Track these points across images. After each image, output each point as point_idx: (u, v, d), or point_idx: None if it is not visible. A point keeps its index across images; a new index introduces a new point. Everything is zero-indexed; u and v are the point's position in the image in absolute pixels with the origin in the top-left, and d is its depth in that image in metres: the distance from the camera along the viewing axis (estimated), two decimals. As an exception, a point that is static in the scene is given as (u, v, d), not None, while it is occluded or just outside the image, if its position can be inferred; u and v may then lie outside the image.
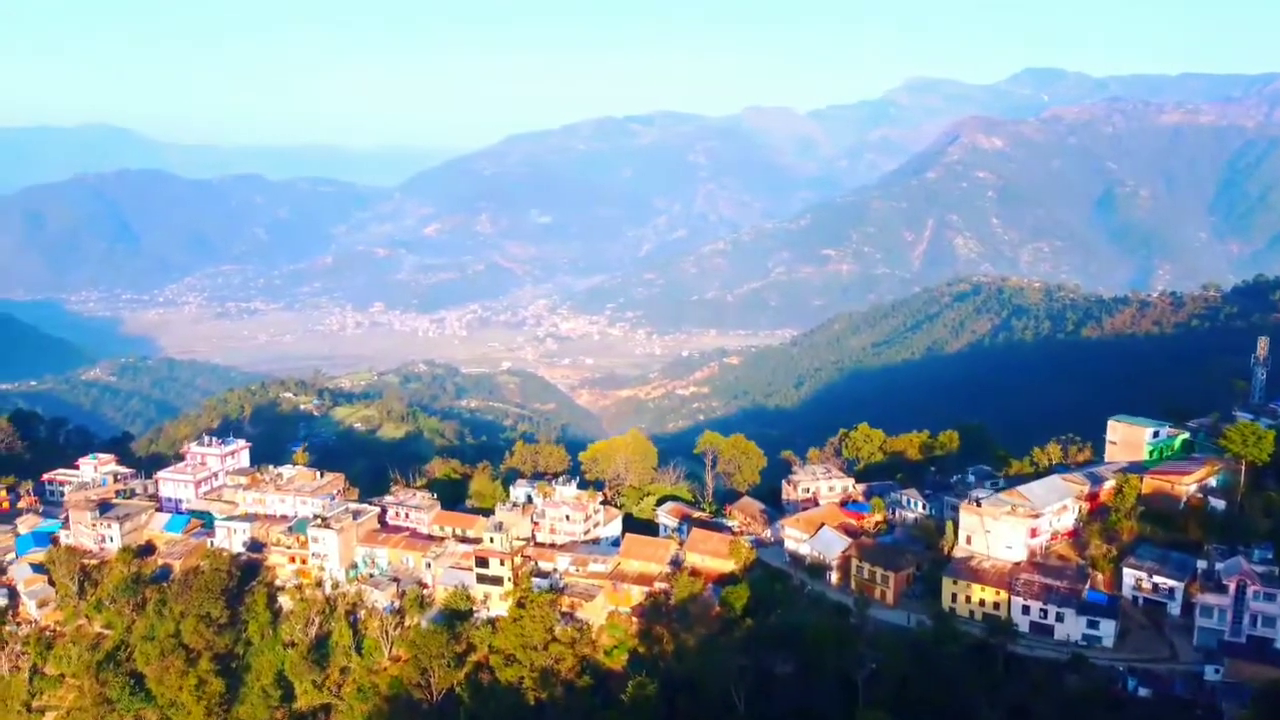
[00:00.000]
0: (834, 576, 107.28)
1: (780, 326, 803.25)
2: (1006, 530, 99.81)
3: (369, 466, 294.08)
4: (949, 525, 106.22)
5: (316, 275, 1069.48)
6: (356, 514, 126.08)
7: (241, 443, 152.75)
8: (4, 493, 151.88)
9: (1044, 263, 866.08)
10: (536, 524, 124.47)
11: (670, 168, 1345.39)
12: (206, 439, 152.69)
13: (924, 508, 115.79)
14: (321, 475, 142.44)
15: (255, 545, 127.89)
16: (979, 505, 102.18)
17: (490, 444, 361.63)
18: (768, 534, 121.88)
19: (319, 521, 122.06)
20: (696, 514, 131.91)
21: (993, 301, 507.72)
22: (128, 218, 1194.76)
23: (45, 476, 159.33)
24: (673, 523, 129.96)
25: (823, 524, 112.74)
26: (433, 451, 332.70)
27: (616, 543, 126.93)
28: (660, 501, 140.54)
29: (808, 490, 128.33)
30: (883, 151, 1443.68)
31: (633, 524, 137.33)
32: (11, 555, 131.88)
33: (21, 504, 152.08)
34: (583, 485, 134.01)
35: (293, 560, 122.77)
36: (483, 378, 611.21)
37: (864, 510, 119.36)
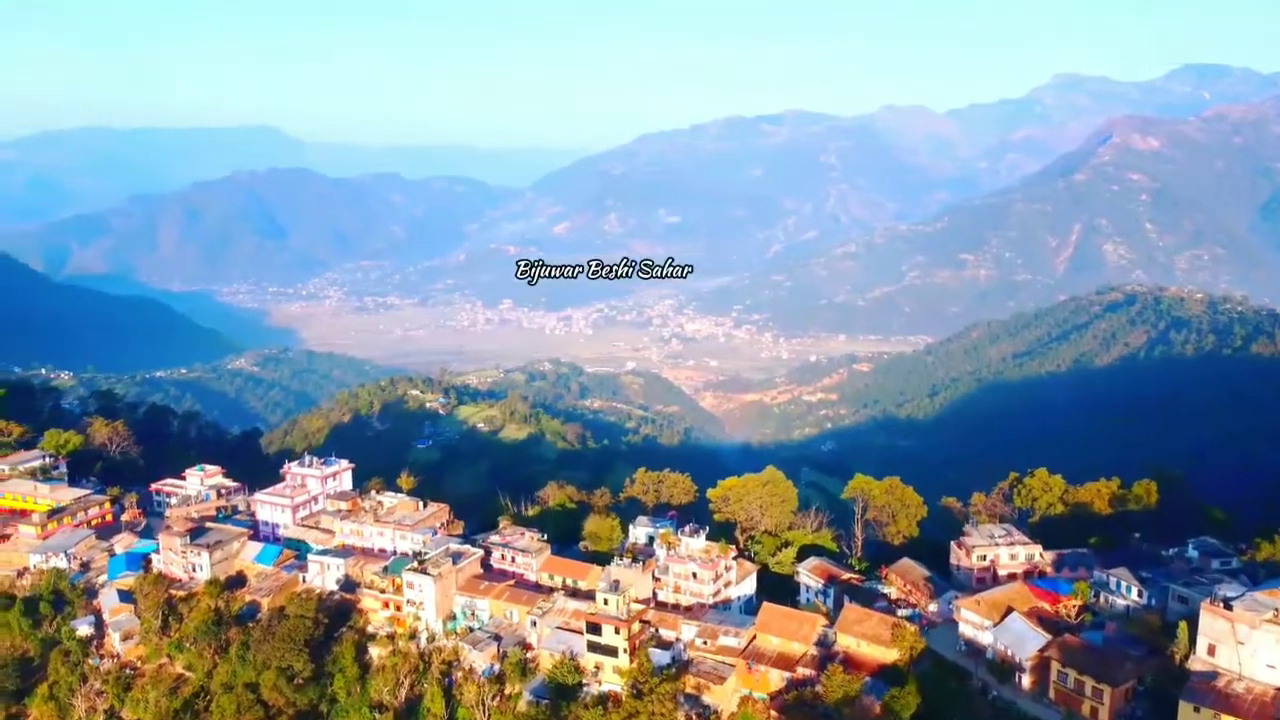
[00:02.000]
0: (1026, 680, 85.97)
1: (913, 333, 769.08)
2: (1269, 645, 76.42)
3: (490, 468, 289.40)
4: (1182, 627, 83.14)
5: (449, 272, 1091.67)
6: (458, 556, 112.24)
7: (344, 463, 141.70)
8: (109, 504, 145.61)
9: (1202, 271, 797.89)
10: (658, 580, 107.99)
11: (801, 168, 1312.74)
12: (308, 458, 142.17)
13: (1139, 594, 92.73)
14: (424, 505, 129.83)
15: (349, 584, 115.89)
16: (1228, 607, 79.02)
17: (612, 448, 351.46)
18: (933, 609, 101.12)
19: (416, 565, 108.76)
20: (845, 575, 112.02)
21: (1148, 312, 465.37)
22: (276, 214, 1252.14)
23: (153, 486, 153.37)
24: (817, 584, 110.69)
25: (1010, 608, 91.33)
26: (554, 454, 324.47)
27: (749, 605, 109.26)
28: (801, 554, 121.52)
29: (984, 557, 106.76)
30: (1026, 152, 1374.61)
31: (768, 578, 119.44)
32: (103, 578, 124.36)
33: (125, 517, 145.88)
34: (711, 535, 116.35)
35: (386, 605, 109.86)
36: (606, 377, 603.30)
37: (1059, 589, 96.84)
